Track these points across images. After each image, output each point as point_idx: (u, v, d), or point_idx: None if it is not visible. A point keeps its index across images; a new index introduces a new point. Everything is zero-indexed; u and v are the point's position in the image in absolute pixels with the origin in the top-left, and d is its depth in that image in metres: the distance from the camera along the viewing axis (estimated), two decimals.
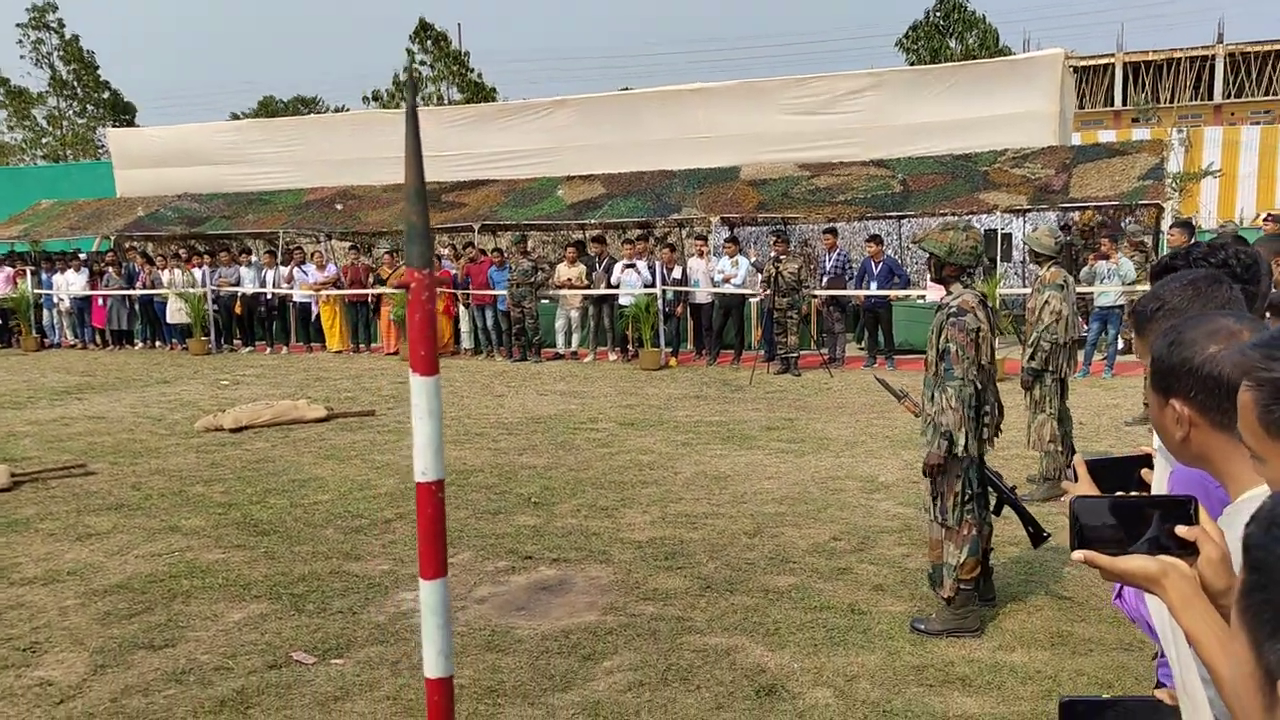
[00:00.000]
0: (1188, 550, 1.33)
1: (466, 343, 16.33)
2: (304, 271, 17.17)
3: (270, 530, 6.58)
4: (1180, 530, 1.34)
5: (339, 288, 16.98)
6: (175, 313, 17.68)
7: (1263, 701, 0.79)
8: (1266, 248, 4.03)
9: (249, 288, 17.52)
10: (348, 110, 46.33)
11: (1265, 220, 13.67)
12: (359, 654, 4.61)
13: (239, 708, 4.09)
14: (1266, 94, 48.40)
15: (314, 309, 17.25)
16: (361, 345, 17.16)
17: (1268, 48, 48.93)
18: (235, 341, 18.13)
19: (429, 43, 49.02)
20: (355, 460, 8.62)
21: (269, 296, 17.47)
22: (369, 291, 16.83)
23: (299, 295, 17.17)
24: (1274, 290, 3.29)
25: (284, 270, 17.46)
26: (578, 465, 8.23)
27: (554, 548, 6.09)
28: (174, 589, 5.50)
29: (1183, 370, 1.60)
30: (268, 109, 55.57)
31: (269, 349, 17.53)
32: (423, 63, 49.10)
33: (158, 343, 18.53)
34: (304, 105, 57.96)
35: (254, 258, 18.46)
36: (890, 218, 16.64)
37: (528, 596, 5.34)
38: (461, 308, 16.29)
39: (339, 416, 10.63)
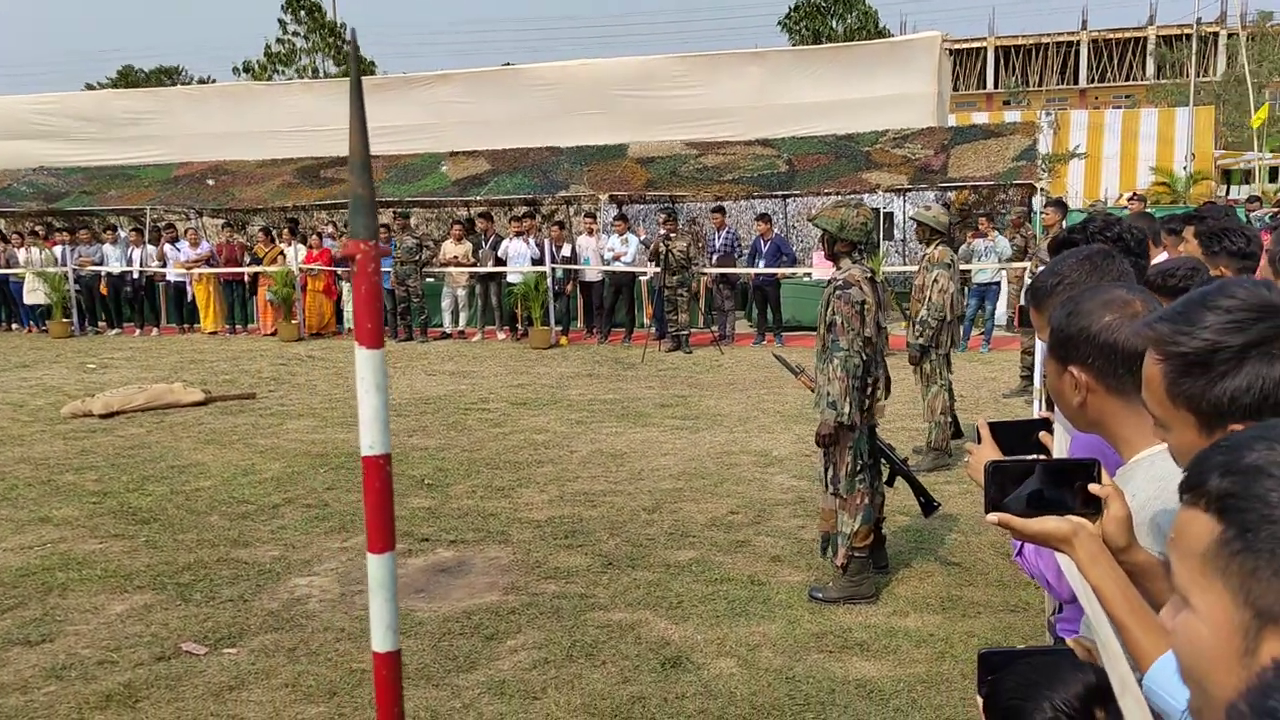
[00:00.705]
0: (1090, 509, 1.39)
1: (350, 323, 15.92)
2: (176, 249, 16.44)
3: (150, 519, 6.31)
4: (1092, 487, 1.40)
5: (213, 266, 16.33)
6: (32, 293, 16.71)
7: (1244, 646, 0.81)
8: (1138, 225, 4.24)
9: (114, 266, 16.68)
10: (215, 82, 44.53)
11: (1130, 200, 14.38)
12: (253, 642, 4.46)
13: (127, 702, 3.91)
14: (1127, 79, 50.96)
15: (189, 289, 16.54)
16: (238, 326, 16.55)
17: (1128, 35, 51.49)
18: (100, 323, 17.25)
19: (302, 13, 47.36)
20: (237, 445, 8.33)
21: (136, 276, 16.67)
22: (245, 270, 16.23)
23: (172, 274, 16.43)
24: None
25: (153, 249, 16.68)
26: (471, 446, 8.13)
27: (451, 529, 6.01)
28: (49, 582, 5.22)
29: (1080, 339, 1.67)
30: (127, 79, 52.95)
31: (139, 331, 16.74)
32: (295, 34, 47.44)
33: (14, 325, 17.52)
34: (167, 76, 55.42)
35: (121, 234, 17.57)
36: (776, 196, 16.89)
37: (426, 579, 5.25)
38: (344, 286, 15.87)
39: (217, 400, 10.25)
